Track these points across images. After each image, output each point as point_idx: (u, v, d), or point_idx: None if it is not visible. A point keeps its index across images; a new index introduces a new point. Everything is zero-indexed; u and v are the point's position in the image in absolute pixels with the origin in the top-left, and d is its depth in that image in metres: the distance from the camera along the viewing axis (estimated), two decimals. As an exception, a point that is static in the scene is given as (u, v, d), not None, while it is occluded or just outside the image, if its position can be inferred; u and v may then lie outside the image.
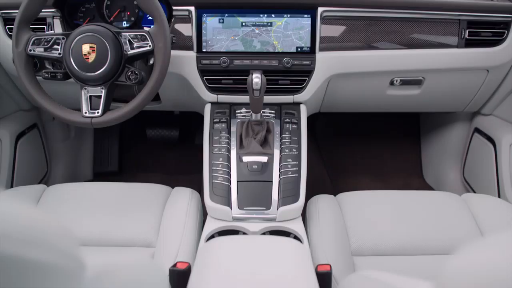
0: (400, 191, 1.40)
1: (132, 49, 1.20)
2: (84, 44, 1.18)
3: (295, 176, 1.31)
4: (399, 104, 1.71)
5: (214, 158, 1.34)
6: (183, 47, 1.43)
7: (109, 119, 1.21)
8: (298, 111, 1.46)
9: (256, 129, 1.37)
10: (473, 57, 1.49)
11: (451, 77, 1.56)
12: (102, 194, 1.34)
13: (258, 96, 1.24)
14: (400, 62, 1.47)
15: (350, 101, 1.66)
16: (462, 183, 1.99)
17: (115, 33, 1.20)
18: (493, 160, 1.71)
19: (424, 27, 1.46)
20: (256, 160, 1.32)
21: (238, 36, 1.41)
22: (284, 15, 1.40)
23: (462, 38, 1.47)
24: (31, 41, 1.20)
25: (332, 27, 1.43)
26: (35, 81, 1.23)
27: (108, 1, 1.43)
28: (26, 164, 1.80)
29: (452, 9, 1.44)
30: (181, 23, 1.43)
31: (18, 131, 1.77)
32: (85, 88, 1.22)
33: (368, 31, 1.44)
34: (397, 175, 2.26)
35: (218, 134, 1.39)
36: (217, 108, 1.46)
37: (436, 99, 1.68)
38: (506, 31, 1.49)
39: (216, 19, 1.41)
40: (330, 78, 1.48)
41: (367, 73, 1.49)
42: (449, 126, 2.05)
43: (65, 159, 2.11)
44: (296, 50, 1.42)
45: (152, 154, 2.35)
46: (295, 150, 1.36)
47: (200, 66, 1.43)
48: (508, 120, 1.70)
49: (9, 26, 1.48)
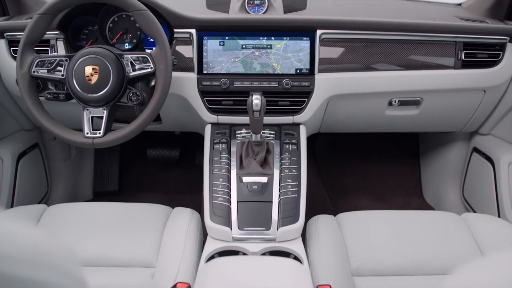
0: (400, 211, 1.40)
1: (134, 71, 1.22)
2: (86, 66, 1.20)
3: (294, 196, 1.32)
4: (397, 124, 1.72)
5: (214, 179, 1.35)
6: (184, 69, 1.44)
7: (111, 140, 1.22)
8: (297, 131, 1.47)
9: (256, 150, 1.37)
10: (470, 78, 1.52)
11: (448, 98, 1.58)
12: (102, 214, 1.34)
13: (258, 117, 1.25)
14: (398, 83, 1.49)
15: (349, 121, 1.68)
16: (462, 203, 1.99)
17: (117, 55, 1.22)
18: (492, 180, 1.71)
19: (421, 49, 1.48)
20: (256, 181, 1.33)
21: (238, 58, 1.44)
22: (284, 38, 1.43)
23: (458, 59, 1.49)
24: (35, 62, 1.22)
25: (331, 49, 1.45)
26: (37, 102, 1.25)
27: (111, 24, 1.46)
28: (27, 184, 1.80)
29: (448, 31, 1.47)
30: (182, 45, 1.45)
31: (19, 150, 1.77)
32: (87, 109, 1.23)
33: (366, 52, 1.46)
34: (397, 194, 2.25)
35: (218, 154, 1.40)
36: (217, 128, 1.48)
37: (435, 119, 1.70)
38: (501, 52, 1.51)
39: (217, 41, 1.43)
40: (329, 99, 1.49)
41: (366, 94, 1.51)
42: (448, 146, 2.06)
43: (65, 178, 2.12)
44: (295, 71, 1.44)
45: (153, 174, 2.35)
46: (295, 170, 1.36)
47: (200, 88, 1.44)
48: (506, 140, 1.71)
49: (14, 48, 1.51)
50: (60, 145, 2.04)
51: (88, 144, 1.22)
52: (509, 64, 1.52)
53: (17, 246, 0.45)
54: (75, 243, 1.23)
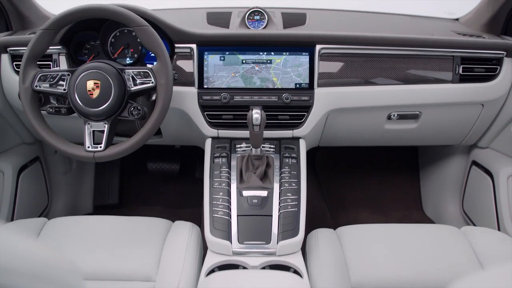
0: (400, 225, 1.40)
1: (135, 86, 1.23)
2: (88, 81, 1.21)
3: (294, 210, 1.32)
4: (397, 138, 1.73)
5: (215, 192, 1.35)
6: (184, 83, 1.46)
7: (112, 154, 1.23)
8: (297, 145, 1.48)
9: (256, 164, 1.38)
10: (468, 92, 1.53)
11: (447, 111, 1.59)
12: (103, 227, 1.35)
13: (258, 131, 1.26)
14: (397, 97, 1.51)
15: (349, 135, 1.69)
16: (461, 216, 1.99)
17: (118, 70, 1.23)
18: (491, 193, 1.72)
19: (419, 63, 1.50)
20: (256, 195, 1.33)
21: (238, 73, 1.45)
22: (283, 53, 1.44)
23: (456, 73, 1.51)
24: (37, 77, 1.23)
25: (330, 64, 1.47)
26: (39, 116, 1.25)
27: (112, 39, 1.47)
28: (27, 197, 1.80)
29: (446, 46, 1.49)
30: (183, 60, 1.46)
31: (20, 164, 1.78)
32: (88, 123, 1.24)
33: (365, 67, 1.48)
34: (397, 207, 2.25)
35: (219, 168, 1.40)
36: (217, 142, 1.48)
37: (433, 133, 1.71)
38: (498, 67, 1.53)
39: (217, 56, 1.45)
40: (328, 113, 1.51)
41: (365, 108, 1.52)
42: (447, 159, 2.06)
43: (66, 191, 2.12)
44: (295, 86, 1.45)
45: (153, 187, 2.35)
46: (295, 184, 1.37)
47: (201, 102, 1.46)
48: (504, 153, 1.71)
49: (16, 62, 1.52)
50: (61, 159, 2.05)
51: (89, 158, 1.23)
52: (506, 78, 1.54)
53: (18, 260, 0.46)
54: (75, 256, 1.23)
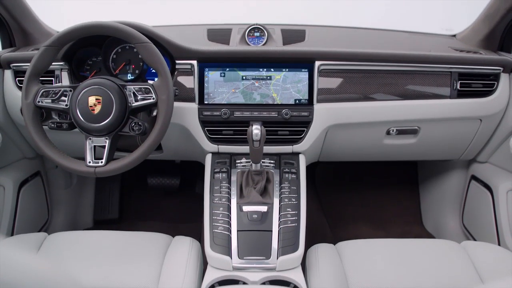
0: (400, 240, 1.40)
1: (136, 101, 1.24)
2: (90, 96, 1.22)
3: (294, 225, 1.32)
4: (396, 153, 1.74)
5: (215, 208, 1.35)
6: (185, 99, 1.47)
7: (113, 169, 1.23)
8: (297, 161, 1.49)
9: (256, 179, 1.39)
10: (466, 107, 1.54)
11: (445, 127, 1.60)
12: (103, 243, 1.34)
13: (258, 146, 1.27)
14: (395, 112, 1.52)
15: (348, 150, 1.70)
16: (461, 230, 1.99)
17: (120, 86, 1.24)
18: (491, 207, 1.72)
19: (417, 79, 1.52)
20: (256, 210, 1.33)
21: (238, 89, 1.47)
22: (283, 69, 1.46)
23: (454, 89, 1.52)
24: (39, 93, 1.24)
25: (329, 80, 1.49)
26: (41, 131, 1.26)
27: (114, 55, 1.49)
28: (28, 212, 1.81)
29: (443, 62, 1.51)
30: (184, 76, 1.48)
31: (21, 178, 1.78)
32: (89, 138, 1.24)
33: (364, 83, 1.49)
34: (397, 222, 2.25)
35: (219, 183, 1.41)
36: (217, 158, 1.49)
37: (432, 148, 1.72)
38: (495, 82, 1.55)
39: (218, 72, 1.46)
40: (328, 129, 1.52)
41: (364, 124, 1.53)
42: (447, 174, 2.07)
43: (66, 206, 2.12)
44: (294, 102, 1.47)
45: (153, 202, 2.35)
46: (294, 199, 1.37)
47: (201, 117, 1.47)
48: (503, 168, 1.72)
49: (19, 78, 1.54)
50: (62, 173, 2.06)
51: (90, 173, 1.23)
52: (503, 93, 1.56)
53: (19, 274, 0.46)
54: (75, 271, 1.23)
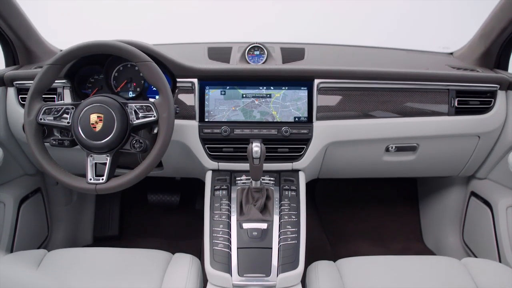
0: (400, 256, 1.39)
1: (138, 119, 1.25)
2: (92, 114, 1.23)
3: (294, 242, 1.32)
4: (395, 170, 1.75)
5: (215, 225, 1.35)
6: (186, 117, 1.48)
7: (113, 186, 1.24)
8: (296, 178, 1.49)
9: (256, 196, 1.39)
10: (464, 124, 1.56)
11: (444, 143, 1.62)
12: (102, 260, 1.34)
13: (258, 164, 1.28)
14: (394, 129, 1.53)
15: (348, 167, 1.70)
16: (462, 247, 1.98)
17: (121, 103, 1.25)
18: (491, 224, 1.72)
19: (415, 97, 1.53)
20: (256, 227, 1.33)
21: (238, 106, 1.48)
22: (283, 87, 1.48)
23: (452, 106, 1.54)
24: (42, 110, 1.25)
25: (328, 97, 1.50)
26: (43, 148, 1.27)
27: (116, 73, 1.51)
28: (28, 228, 1.80)
29: (441, 80, 1.53)
30: (184, 93, 1.49)
31: (22, 195, 1.79)
32: (91, 156, 1.25)
33: (363, 100, 1.51)
34: (397, 239, 2.24)
35: (219, 201, 1.41)
36: (218, 175, 1.50)
37: (431, 165, 1.73)
38: (492, 99, 1.57)
39: (218, 90, 1.48)
40: (327, 146, 1.53)
41: (363, 141, 1.54)
42: (446, 190, 2.07)
43: (66, 223, 2.12)
44: (294, 119, 1.48)
45: (153, 218, 2.35)
46: (294, 216, 1.37)
47: (202, 135, 1.48)
48: (503, 184, 1.72)
49: (22, 96, 1.56)
50: (62, 190, 2.06)
51: (91, 190, 1.24)
52: (501, 110, 1.57)
53: None
54: None
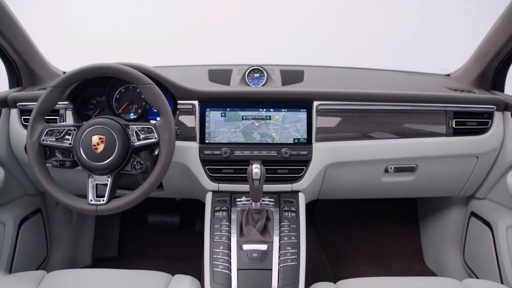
0: (401, 278, 1.39)
1: (139, 141, 1.26)
2: (93, 136, 1.24)
3: (294, 264, 1.32)
4: (394, 190, 1.75)
5: (215, 246, 1.36)
6: (186, 138, 1.50)
7: (114, 207, 1.24)
8: (296, 199, 1.50)
9: (256, 217, 1.40)
10: (462, 144, 1.57)
11: (443, 164, 1.63)
12: (102, 281, 1.33)
13: (258, 185, 1.29)
14: (393, 150, 1.54)
15: (347, 188, 1.71)
16: (463, 267, 1.97)
17: (123, 125, 1.27)
18: (491, 244, 1.71)
19: (414, 118, 1.55)
20: (256, 248, 1.33)
21: (239, 128, 1.50)
22: (282, 109, 1.50)
23: (450, 127, 1.56)
24: (44, 131, 1.27)
25: (328, 119, 1.52)
26: (44, 169, 1.28)
27: (117, 95, 1.53)
28: (27, 248, 1.80)
29: (438, 101, 1.55)
30: (185, 115, 1.51)
31: (22, 215, 1.79)
32: (92, 177, 1.26)
33: (362, 122, 1.53)
34: (397, 259, 2.23)
35: (219, 222, 1.41)
36: (218, 196, 1.51)
37: (430, 185, 1.73)
38: (489, 120, 1.59)
39: (219, 113, 1.50)
40: (327, 167, 1.54)
41: (362, 162, 1.55)
42: (446, 210, 2.07)
43: (65, 243, 2.11)
44: (293, 141, 1.50)
45: (153, 239, 2.34)
46: (294, 238, 1.37)
47: (202, 156, 1.49)
48: (502, 204, 1.72)
49: (25, 117, 1.57)
50: (62, 210, 2.06)
51: (92, 211, 1.24)
52: (498, 131, 1.59)
53: None
54: None
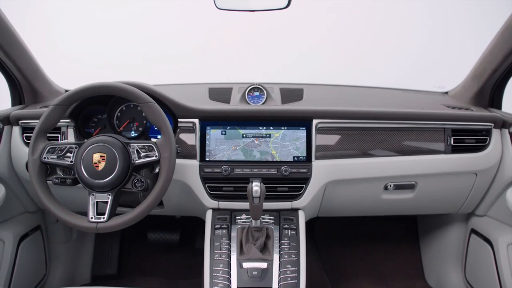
0: None
1: (140, 159, 1.27)
2: (95, 153, 1.25)
3: (294, 282, 1.31)
4: (394, 208, 1.75)
5: (215, 264, 1.35)
6: (186, 156, 1.51)
7: (114, 225, 1.24)
8: (296, 217, 1.50)
9: (256, 235, 1.39)
10: (461, 162, 1.58)
11: (442, 181, 1.63)
12: None
13: (258, 203, 1.29)
14: (392, 168, 1.55)
15: (347, 206, 1.71)
16: (464, 285, 1.96)
17: (124, 143, 1.27)
18: (492, 261, 1.71)
19: (412, 135, 1.56)
20: (256, 266, 1.33)
21: (239, 146, 1.51)
22: (282, 128, 1.51)
23: (448, 144, 1.57)
24: (46, 149, 1.27)
25: (327, 137, 1.53)
26: (45, 187, 1.28)
27: (119, 113, 1.54)
28: (26, 266, 1.79)
29: (437, 119, 1.56)
30: (186, 133, 1.52)
31: (21, 233, 1.78)
32: (92, 194, 1.26)
33: (361, 140, 1.54)
34: (398, 277, 2.22)
35: (219, 240, 1.41)
36: (218, 214, 1.51)
37: (430, 202, 1.73)
38: (487, 137, 1.60)
39: (219, 130, 1.51)
40: (326, 185, 1.54)
41: (362, 179, 1.56)
42: (447, 227, 2.07)
43: (64, 261, 2.10)
44: (293, 159, 1.51)
45: (153, 257, 2.33)
46: (294, 256, 1.37)
47: (202, 174, 1.50)
48: (502, 221, 1.72)
49: (26, 135, 1.58)
50: (62, 228, 2.05)
51: (92, 228, 1.24)
52: (496, 148, 1.60)
53: None
54: None
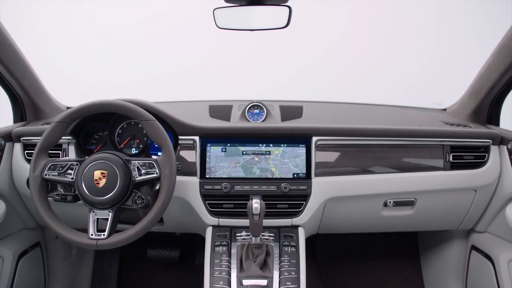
0: None
1: (140, 176, 1.27)
2: (96, 170, 1.26)
3: None
4: (394, 224, 1.75)
5: (215, 281, 1.35)
6: (187, 173, 1.51)
7: (115, 241, 1.24)
8: (296, 234, 1.50)
9: (256, 252, 1.39)
10: (460, 178, 1.59)
11: (441, 198, 1.64)
12: None
13: (258, 220, 1.30)
14: (391, 185, 1.56)
15: (347, 222, 1.71)
16: (466, 302, 1.95)
17: (125, 160, 1.28)
18: (493, 278, 1.70)
19: (411, 152, 1.58)
20: (256, 284, 1.33)
21: (239, 163, 1.52)
22: (281, 145, 1.52)
23: (447, 161, 1.58)
24: (47, 166, 1.28)
25: (326, 154, 1.54)
26: (46, 203, 1.29)
27: (120, 130, 1.55)
28: (25, 283, 1.78)
29: (435, 136, 1.58)
30: (186, 150, 1.53)
31: (21, 249, 1.78)
32: (93, 211, 1.27)
33: (360, 157, 1.55)
34: None
35: (219, 257, 1.41)
36: (218, 231, 1.51)
37: (430, 219, 1.73)
38: (486, 154, 1.61)
39: (219, 148, 1.52)
40: (326, 202, 1.55)
41: (362, 196, 1.56)
42: (447, 244, 2.06)
43: (63, 278, 2.08)
44: (293, 176, 1.51)
45: (152, 274, 2.31)
46: (294, 273, 1.37)
47: (202, 191, 1.50)
48: (503, 237, 1.72)
49: (28, 151, 1.59)
50: (62, 244, 2.05)
51: (92, 245, 1.24)
52: (495, 164, 1.61)
53: None
54: None
